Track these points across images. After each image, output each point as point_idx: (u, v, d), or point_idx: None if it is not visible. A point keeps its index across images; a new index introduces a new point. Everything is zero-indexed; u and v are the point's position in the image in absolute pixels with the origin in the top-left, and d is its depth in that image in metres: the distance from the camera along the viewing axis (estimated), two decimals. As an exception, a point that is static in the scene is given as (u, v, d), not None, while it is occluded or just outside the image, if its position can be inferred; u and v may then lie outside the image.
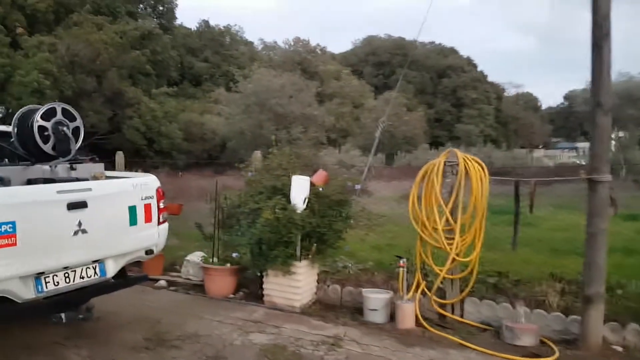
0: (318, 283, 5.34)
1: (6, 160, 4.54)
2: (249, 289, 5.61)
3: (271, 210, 4.84)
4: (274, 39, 48.28)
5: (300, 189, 4.97)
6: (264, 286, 5.23)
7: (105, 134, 19.71)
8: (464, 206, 4.58)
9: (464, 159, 4.63)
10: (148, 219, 4.18)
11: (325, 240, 5.14)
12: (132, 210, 4.03)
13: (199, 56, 31.47)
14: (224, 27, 35.89)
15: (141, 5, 30.03)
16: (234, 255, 5.40)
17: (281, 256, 4.93)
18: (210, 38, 33.26)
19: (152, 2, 29.94)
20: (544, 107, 55.32)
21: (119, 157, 6.76)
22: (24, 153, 4.32)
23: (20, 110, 4.37)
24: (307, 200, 4.97)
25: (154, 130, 21.69)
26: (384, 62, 44.54)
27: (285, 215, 4.83)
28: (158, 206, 4.29)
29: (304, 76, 25.19)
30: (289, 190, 5.00)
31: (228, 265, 5.49)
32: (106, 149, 14.30)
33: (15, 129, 4.28)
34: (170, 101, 24.48)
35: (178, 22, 33.94)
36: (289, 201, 4.96)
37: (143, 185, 4.18)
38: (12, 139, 4.36)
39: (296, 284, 5.01)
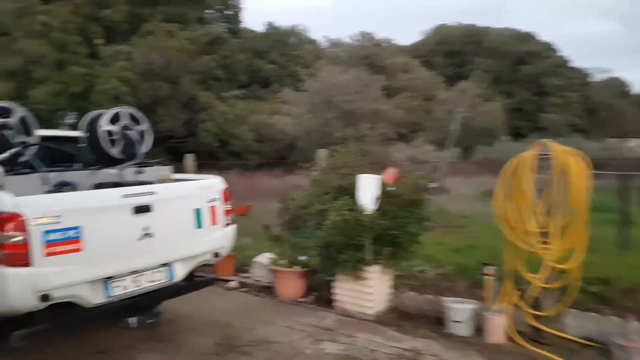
0: (393, 289, 4.97)
1: (78, 165, 4.61)
2: (320, 292, 5.38)
3: (337, 211, 4.58)
4: (339, 35, 47.91)
5: (367, 189, 4.65)
6: (334, 291, 4.96)
7: (181, 138, 20.51)
8: (560, 205, 4.00)
9: (561, 151, 4.04)
10: (214, 221, 4.05)
11: (399, 243, 4.76)
12: (198, 212, 3.92)
13: (266, 58, 31.89)
14: (289, 27, 36.21)
15: (209, 11, 31.01)
16: (301, 258, 5.16)
17: (351, 260, 4.64)
18: (276, 39, 33.57)
19: (220, 6, 30.76)
20: (637, 92, 50.34)
21: (189, 159, 6.78)
22: (94, 158, 4.36)
23: (89, 115, 4.40)
24: (376, 201, 4.62)
25: (226, 133, 22.25)
26: (455, 52, 42.63)
27: (352, 216, 4.53)
28: (224, 208, 4.15)
29: (371, 71, 24.64)
30: (356, 190, 4.68)
31: (297, 267, 5.27)
32: (182, 152, 14.75)
33: (85, 135, 4.31)
34: (240, 104, 25.01)
35: (245, 25, 34.76)
36: (356, 202, 4.63)
37: (208, 187, 4.06)
38: (83, 144, 4.41)
39: (368, 290, 4.70)
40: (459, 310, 4.29)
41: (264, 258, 5.77)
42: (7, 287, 2.91)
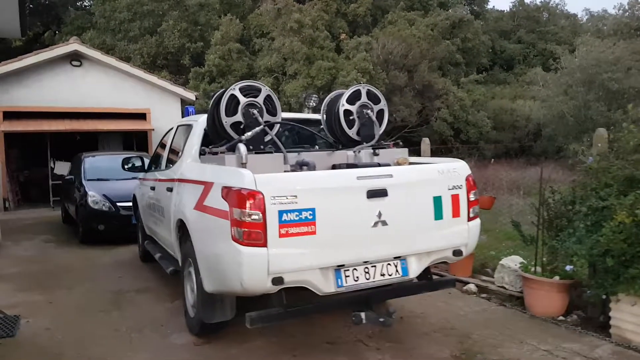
0: None
1: (316, 147, 4.59)
2: (586, 312, 4.30)
3: (628, 211, 3.42)
4: (603, 7, 40.79)
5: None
6: (611, 314, 3.81)
7: (413, 127, 20.29)
8: None
9: None
10: (456, 213, 3.42)
11: None
12: (438, 201, 3.35)
13: (511, 38, 29.22)
14: (540, 2, 32.45)
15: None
16: (568, 268, 4.08)
17: (643, 278, 3.39)
18: (525, 17, 30.47)
19: (464, -12, 29.37)
20: None
21: (424, 144, 6.26)
22: (332, 140, 4.26)
23: (329, 96, 4.35)
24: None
25: (461, 120, 21.04)
26: None
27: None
28: (468, 198, 3.46)
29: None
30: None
31: (557, 278, 4.22)
32: (414, 141, 14.48)
33: (324, 116, 4.24)
34: (479, 88, 23.38)
35: (490, 5, 32.68)
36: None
37: (451, 172, 3.43)
38: (321, 126, 4.36)
39: (668, 322, 3.37)
40: None
41: (512, 261, 4.84)
42: (242, 266, 2.86)
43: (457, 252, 3.51)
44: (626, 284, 3.54)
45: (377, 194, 3.13)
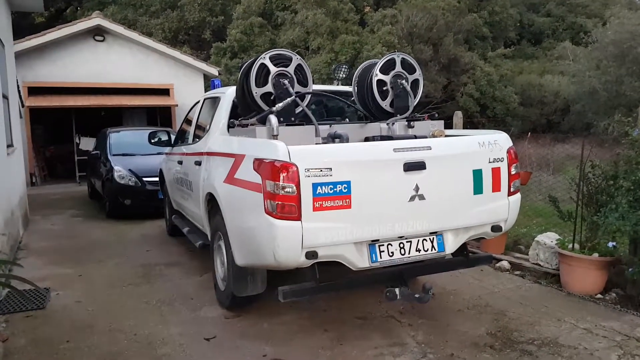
0: None
1: (347, 119, 4.47)
2: (625, 290, 4.15)
3: None
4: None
5: None
6: (654, 293, 3.63)
7: (438, 103, 19.82)
8: None
9: None
10: (496, 187, 3.28)
11: None
12: (477, 175, 3.21)
13: (540, 11, 28.16)
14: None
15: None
16: (610, 244, 3.92)
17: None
18: (557, -13, 29.25)
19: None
20: None
21: (457, 117, 6.06)
22: (362, 111, 4.13)
23: (361, 66, 4.21)
24: None
25: (488, 96, 20.47)
26: None
27: None
28: (509, 172, 3.32)
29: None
30: None
31: (596, 255, 4.07)
32: (439, 118, 14.13)
33: (355, 87, 4.10)
34: (507, 63, 22.66)
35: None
36: None
37: (492, 144, 3.27)
38: (352, 98, 4.23)
39: None
40: None
41: (548, 238, 4.69)
42: (275, 240, 2.79)
43: (496, 228, 3.39)
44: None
45: (414, 166, 3.01)
